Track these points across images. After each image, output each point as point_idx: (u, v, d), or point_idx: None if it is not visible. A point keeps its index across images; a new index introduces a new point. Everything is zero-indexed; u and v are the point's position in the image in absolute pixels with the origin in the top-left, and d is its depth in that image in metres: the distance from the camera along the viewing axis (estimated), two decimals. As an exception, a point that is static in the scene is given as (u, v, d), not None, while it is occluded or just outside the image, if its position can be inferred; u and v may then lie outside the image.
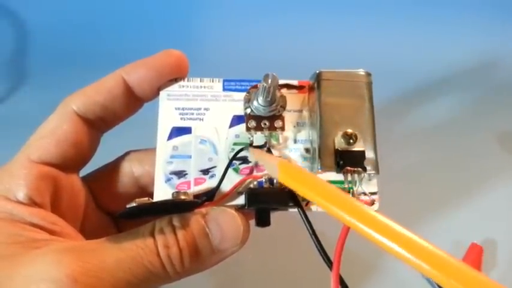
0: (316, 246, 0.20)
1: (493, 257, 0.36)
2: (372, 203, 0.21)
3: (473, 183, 0.42)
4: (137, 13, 0.55)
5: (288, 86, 0.24)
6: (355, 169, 0.20)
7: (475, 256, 0.35)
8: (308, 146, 0.23)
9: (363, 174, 0.21)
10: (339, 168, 0.21)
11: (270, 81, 0.20)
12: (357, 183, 0.20)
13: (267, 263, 0.35)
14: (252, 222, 0.22)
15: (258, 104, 0.22)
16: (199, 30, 0.56)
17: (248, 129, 0.22)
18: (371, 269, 0.35)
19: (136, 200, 0.19)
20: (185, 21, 0.56)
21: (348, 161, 0.20)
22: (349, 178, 0.21)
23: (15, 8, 0.53)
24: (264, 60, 0.46)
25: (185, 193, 0.21)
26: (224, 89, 0.24)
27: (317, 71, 0.22)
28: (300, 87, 0.24)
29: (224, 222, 0.20)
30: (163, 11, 0.56)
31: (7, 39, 0.52)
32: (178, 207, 0.20)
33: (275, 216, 0.22)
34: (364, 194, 0.21)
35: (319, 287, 0.33)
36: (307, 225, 0.21)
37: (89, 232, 0.22)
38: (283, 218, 0.33)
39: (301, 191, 0.17)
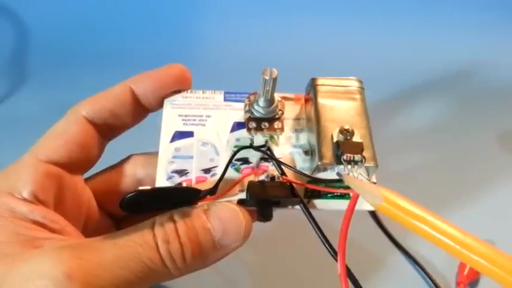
0: (320, 237, 0.20)
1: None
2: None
3: (473, 184, 0.42)
4: (137, 13, 0.56)
5: (285, 98, 0.25)
6: (354, 156, 0.20)
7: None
8: (307, 148, 0.24)
9: (362, 163, 0.21)
10: (338, 158, 0.21)
11: (269, 73, 0.21)
12: (356, 169, 0.21)
13: (269, 262, 0.35)
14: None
15: (259, 106, 0.23)
16: (199, 31, 0.56)
17: (249, 129, 0.23)
18: (376, 266, 0.35)
19: (139, 187, 0.19)
20: (185, 22, 0.56)
21: (346, 149, 0.21)
22: (349, 168, 0.21)
23: (15, 8, 0.53)
24: (263, 61, 0.46)
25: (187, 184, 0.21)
26: (225, 100, 0.25)
27: (311, 78, 0.24)
28: (296, 99, 0.25)
29: (226, 217, 0.20)
30: (163, 11, 0.56)
31: (7, 39, 0.52)
32: (180, 195, 0.20)
33: (276, 218, 0.22)
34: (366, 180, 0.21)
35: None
36: (308, 217, 0.21)
37: (90, 233, 0.22)
38: (284, 219, 0.33)
39: (405, 221, 0.17)
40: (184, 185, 0.21)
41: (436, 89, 0.53)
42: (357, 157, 0.21)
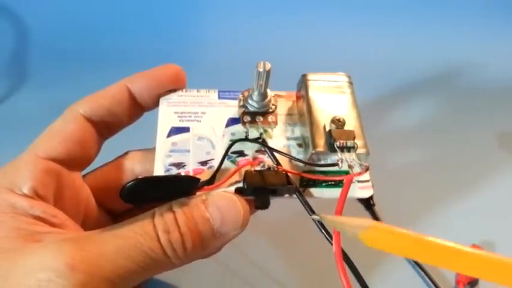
0: (315, 222, 0.21)
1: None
2: (366, 169, 0.22)
3: (473, 183, 0.42)
4: (137, 13, 0.56)
5: (278, 96, 0.25)
6: (347, 142, 0.21)
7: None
8: (300, 142, 0.24)
9: (354, 149, 0.21)
10: (331, 147, 0.22)
11: (262, 65, 0.22)
12: (349, 155, 0.21)
13: (269, 253, 0.35)
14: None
15: (253, 100, 0.23)
16: (198, 30, 0.56)
17: (243, 123, 0.23)
18: (374, 265, 0.35)
19: (138, 177, 0.19)
20: (183, 21, 0.56)
21: (339, 136, 0.22)
22: (341, 156, 0.21)
23: (15, 8, 0.53)
24: (260, 59, 0.46)
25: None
26: (219, 98, 0.26)
27: (302, 74, 0.25)
28: (288, 97, 0.26)
29: (224, 206, 0.21)
30: (162, 11, 0.56)
31: (7, 39, 0.52)
32: (179, 184, 0.21)
33: (275, 209, 0.22)
34: (358, 166, 0.22)
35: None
36: (304, 204, 0.21)
37: (89, 230, 0.23)
38: (284, 211, 0.33)
39: (396, 248, 0.17)
40: (182, 173, 0.21)
41: (434, 87, 0.53)
42: (350, 143, 0.21)
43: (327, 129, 0.22)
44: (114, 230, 0.19)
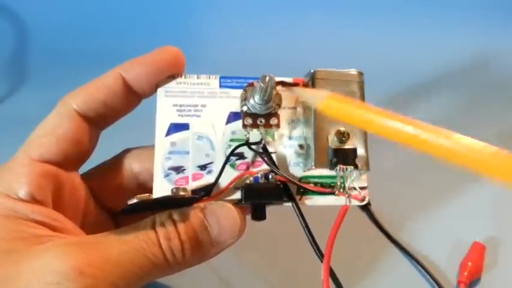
0: (308, 239, 0.21)
1: (495, 256, 0.36)
2: (363, 199, 0.22)
3: (475, 182, 0.42)
4: (136, 13, 0.56)
5: (283, 83, 0.24)
6: (347, 167, 0.21)
7: (477, 254, 0.34)
8: (302, 142, 0.24)
9: (354, 172, 0.22)
10: (332, 165, 0.22)
11: (267, 81, 0.21)
12: (348, 180, 0.22)
13: (266, 260, 0.35)
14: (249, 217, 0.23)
15: (255, 102, 0.22)
16: (198, 29, 0.56)
17: (244, 126, 0.23)
18: (373, 265, 0.35)
19: (138, 196, 0.19)
20: (184, 21, 0.56)
21: (340, 158, 0.21)
22: (341, 174, 0.22)
23: (15, 8, 0.53)
24: (260, 59, 0.46)
25: (184, 189, 0.21)
26: (221, 86, 0.24)
27: (312, 70, 0.23)
28: (294, 85, 0.24)
29: (222, 216, 0.21)
30: (162, 10, 0.56)
31: (7, 39, 0.52)
32: (178, 202, 0.21)
33: (273, 216, 0.22)
34: (355, 189, 0.22)
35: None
36: (300, 218, 0.22)
37: (88, 229, 0.23)
38: (282, 217, 0.33)
39: (349, 113, 0.18)
40: (181, 193, 0.21)
41: (435, 88, 0.53)
42: (350, 168, 0.21)
43: (330, 143, 0.22)
44: (118, 235, 0.20)
